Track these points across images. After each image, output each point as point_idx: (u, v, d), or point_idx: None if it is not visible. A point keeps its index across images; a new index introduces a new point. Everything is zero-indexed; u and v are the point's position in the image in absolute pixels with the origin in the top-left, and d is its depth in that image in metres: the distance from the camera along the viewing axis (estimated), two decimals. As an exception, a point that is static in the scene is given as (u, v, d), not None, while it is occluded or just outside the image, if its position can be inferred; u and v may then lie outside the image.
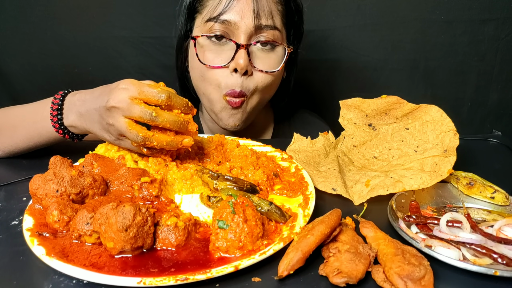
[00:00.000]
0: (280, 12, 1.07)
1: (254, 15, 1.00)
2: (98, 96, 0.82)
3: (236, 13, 1.00)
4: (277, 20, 1.06)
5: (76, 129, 0.90)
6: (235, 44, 1.02)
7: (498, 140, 1.16)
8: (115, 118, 0.76)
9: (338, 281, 0.55)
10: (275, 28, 1.04)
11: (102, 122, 0.80)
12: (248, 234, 0.61)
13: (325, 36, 1.64)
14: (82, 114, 0.85)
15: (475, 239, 0.64)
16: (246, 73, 1.05)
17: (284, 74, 1.22)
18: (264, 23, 1.02)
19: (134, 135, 0.75)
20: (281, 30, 1.07)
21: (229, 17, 1.00)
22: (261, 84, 1.08)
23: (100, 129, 0.82)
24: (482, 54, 1.65)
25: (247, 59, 1.02)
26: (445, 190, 0.83)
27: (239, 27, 1.01)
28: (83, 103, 0.86)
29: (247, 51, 1.02)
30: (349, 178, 0.89)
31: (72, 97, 0.89)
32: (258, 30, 1.02)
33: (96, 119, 0.81)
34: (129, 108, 0.75)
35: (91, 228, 0.62)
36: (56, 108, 0.89)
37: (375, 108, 1.01)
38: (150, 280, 0.54)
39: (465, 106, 1.75)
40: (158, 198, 0.75)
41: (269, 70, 1.06)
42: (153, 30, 1.60)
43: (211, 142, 0.96)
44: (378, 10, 1.60)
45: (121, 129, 0.76)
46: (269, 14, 1.02)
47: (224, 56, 1.04)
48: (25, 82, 1.69)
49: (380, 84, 1.73)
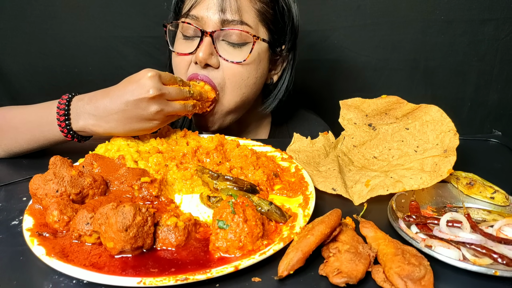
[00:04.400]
0: (256, 9, 1.07)
1: (220, 9, 1.03)
2: (121, 94, 0.86)
3: (202, 8, 1.04)
4: (249, 16, 1.06)
5: (85, 133, 0.92)
6: (200, 31, 1.04)
7: (498, 140, 1.16)
8: (162, 103, 0.88)
9: (338, 281, 0.55)
10: (242, 23, 1.05)
11: (142, 113, 0.87)
12: (248, 234, 0.61)
13: (325, 36, 1.64)
14: (100, 117, 0.87)
15: (475, 239, 0.64)
16: (209, 66, 1.06)
17: (275, 78, 1.21)
18: (230, 18, 1.04)
19: (188, 106, 0.94)
20: (254, 27, 1.07)
21: (197, 12, 1.05)
22: (229, 79, 1.07)
23: (136, 122, 0.88)
24: (482, 54, 1.65)
25: (208, 51, 1.03)
26: (445, 190, 0.83)
27: (205, 21, 1.04)
28: (96, 108, 0.87)
29: (212, 40, 1.04)
30: (349, 178, 0.89)
31: (79, 102, 0.90)
32: (225, 24, 1.04)
33: (128, 115, 0.87)
34: (170, 92, 0.89)
35: (91, 228, 0.62)
36: (63, 114, 0.89)
37: (375, 108, 1.01)
38: (150, 280, 0.54)
39: (465, 106, 1.76)
40: (158, 198, 0.75)
41: (235, 60, 1.06)
42: (153, 30, 1.59)
43: (211, 142, 0.96)
44: (378, 10, 1.60)
45: (174, 109, 0.90)
46: (236, 10, 1.04)
47: (192, 48, 1.07)
48: (25, 82, 1.69)
49: (380, 84, 1.73)
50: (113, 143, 0.91)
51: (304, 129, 1.09)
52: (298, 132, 1.09)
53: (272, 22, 1.11)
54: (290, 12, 1.14)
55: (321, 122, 1.39)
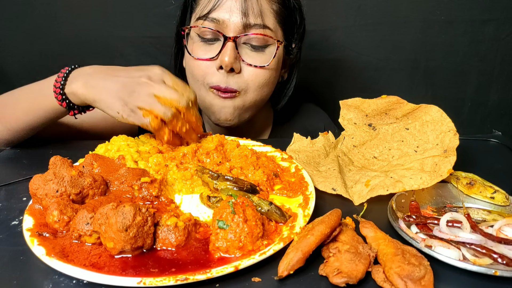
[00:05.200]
0: (274, 11, 1.06)
1: (242, 13, 1.01)
2: (130, 70, 0.87)
3: (224, 11, 1.01)
4: (269, 19, 1.05)
5: (75, 97, 0.89)
6: (223, 36, 1.02)
7: (498, 140, 1.16)
8: (155, 87, 0.82)
9: (338, 281, 0.55)
10: (264, 27, 1.04)
11: (127, 88, 0.82)
12: (248, 234, 0.61)
13: (325, 36, 1.64)
14: (92, 83, 0.86)
15: (475, 239, 0.64)
16: (233, 71, 1.05)
17: (285, 76, 1.22)
18: (253, 22, 1.02)
19: (167, 109, 0.82)
20: (274, 29, 1.07)
21: (217, 15, 1.02)
22: (252, 82, 1.07)
23: (114, 97, 0.83)
24: (482, 55, 1.65)
25: (233, 56, 1.02)
26: (445, 190, 0.83)
27: (227, 25, 1.02)
28: (97, 73, 0.88)
29: (235, 44, 1.02)
30: (349, 178, 0.89)
31: (84, 68, 0.91)
32: (247, 28, 1.02)
33: (116, 87, 0.83)
34: (168, 90, 0.83)
35: (91, 228, 0.62)
36: (62, 76, 0.90)
37: (375, 108, 1.01)
38: (150, 280, 0.54)
39: (465, 106, 1.76)
40: (158, 198, 0.75)
41: (259, 64, 1.06)
42: (153, 30, 1.59)
43: (211, 142, 0.95)
44: (379, 10, 1.60)
45: (162, 93, 0.82)
46: (259, 13, 1.02)
47: (213, 52, 1.05)
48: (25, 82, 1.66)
49: (380, 84, 1.73)
50: (113, 143, 0.91)
51: (307, 119, 1.09)
52: (301, 126, 1.10)
53: (286, 21, 1.11)
54: (301, 9, 1.14)
55: (324, 115, 1.42)
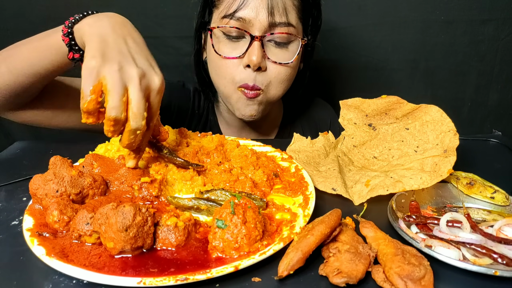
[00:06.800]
0: (296, 7, 1.07)
1: (268, 12, 1.02)
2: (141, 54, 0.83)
3: (250, 10, 1.02)
4: (292, 15, 1.06)
5: (78, 34, 0.81)
6: (250, 35, 1.03)
7: (498, 140, 1.16)
8: (135, 87, 0.69)
9: (338, 281, 0.55)
10: (289, 24, 1.05)
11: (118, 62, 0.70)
12: (245, 236, 0.61)
13: (325, 36, 1.63)
14: (99, 29, 0.78)
15: (475, 239, 0.64)
16: (260, 69, 1.06)
17: (301, 66, 1.23)
18: (278, 20, 1.03)
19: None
20: (296, 26, 1.08)
21: (243, 14, 1.02)
22: (275, 78, 1.10)
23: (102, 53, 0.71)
24: (482, 55, 1.65)
25: (260, 55, 1.04)
26: (445, 190, 0.83)
27: (253, 24, 1.03)
28: (116, 30, 0.80)
29: (261, 43, 1.04)
30: (349, 178, 0.89)
31: (111, 16, 0.86)
32: (272, 27, 1.04)
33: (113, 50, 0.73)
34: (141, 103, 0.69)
35: (91, 228, 0.62)
36: (84, 12, 0.85)
37: (375, 108, 1.01)
38: (150, 280, 0.54)
39: (465, 106, 1.76)
40: (158, 198, 0.75)
41: (283, 61, 1.08)
42: (153, 30, 1.59)
43: (211, 142, 0.96)
44: (379, 11, 1.60)
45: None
46: (283, 11, 1.04)
47: (239, 50, 1.07)
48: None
49: (380, 84, 1.73)
50: (113, 143, 0.91)
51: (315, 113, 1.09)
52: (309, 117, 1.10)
53: (305, 15, 1.12)
54: (319, 2, 1.16)
55: (330, 110, 1.45)
